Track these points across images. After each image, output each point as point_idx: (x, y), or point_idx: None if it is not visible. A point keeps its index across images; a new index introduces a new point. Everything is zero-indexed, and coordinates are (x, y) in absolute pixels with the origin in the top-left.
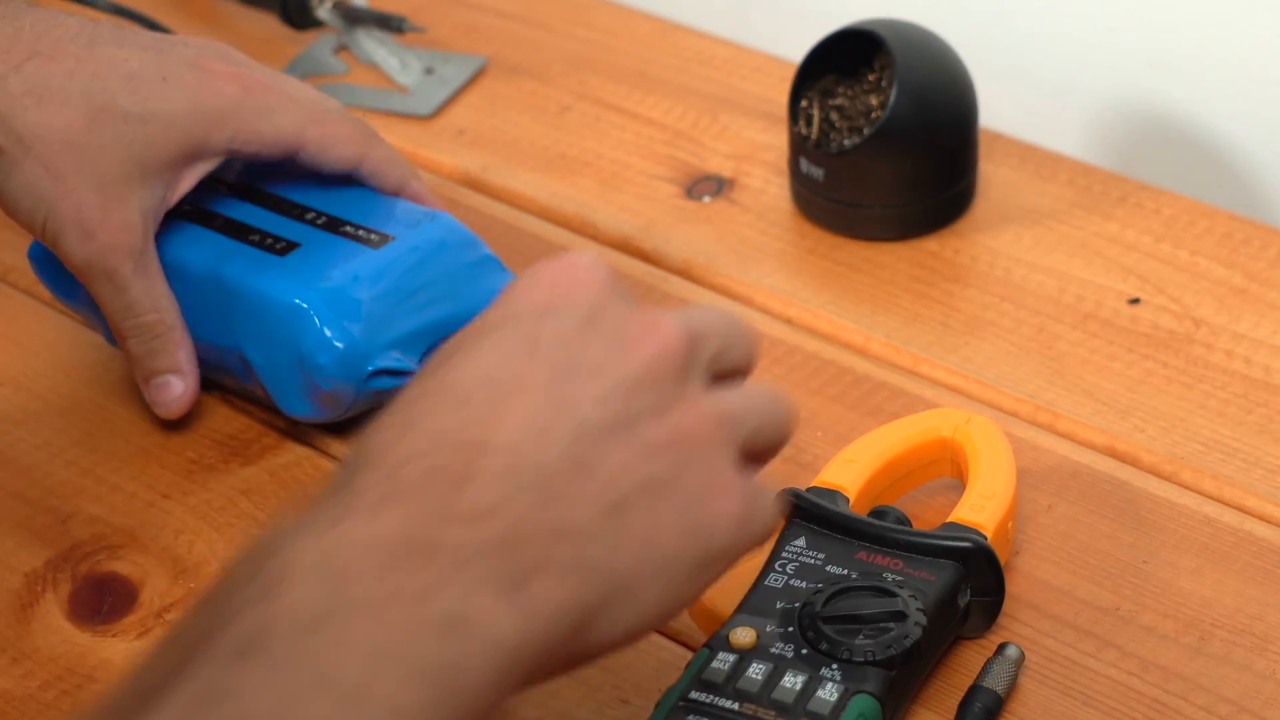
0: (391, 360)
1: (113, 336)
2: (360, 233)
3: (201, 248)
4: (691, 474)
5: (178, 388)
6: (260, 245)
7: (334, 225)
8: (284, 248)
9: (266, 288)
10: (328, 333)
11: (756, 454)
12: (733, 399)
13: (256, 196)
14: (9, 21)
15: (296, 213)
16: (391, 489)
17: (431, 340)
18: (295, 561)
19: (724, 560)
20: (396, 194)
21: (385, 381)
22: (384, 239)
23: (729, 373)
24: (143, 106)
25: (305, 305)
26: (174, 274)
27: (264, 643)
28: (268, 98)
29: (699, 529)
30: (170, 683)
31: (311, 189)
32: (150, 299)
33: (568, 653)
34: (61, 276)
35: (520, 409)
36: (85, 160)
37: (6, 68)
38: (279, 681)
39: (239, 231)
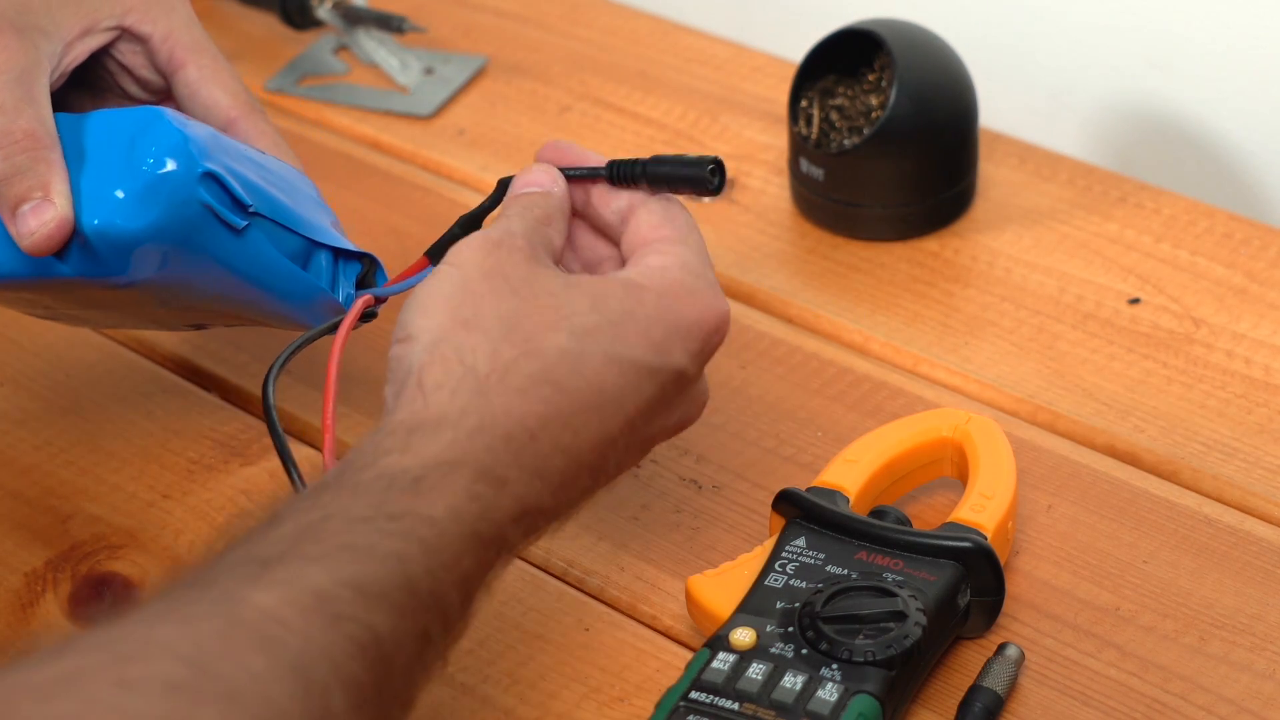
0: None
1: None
2: None
3: None
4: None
5: (50, 210)
6: None
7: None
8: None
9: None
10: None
11: None
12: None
13: None
14: None
15: None
16: (492, 429)
17: None
18: (425, 447)
19: None
20: None
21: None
22: None
23: None
24: None
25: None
26: None
27: (401, 491)
28: (177, 1)
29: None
30: (310, 505)
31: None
32: (32, 110)
33: None
34: None
35: (619, 432)
36: None
37: None
38: (390, 528)
39: None
